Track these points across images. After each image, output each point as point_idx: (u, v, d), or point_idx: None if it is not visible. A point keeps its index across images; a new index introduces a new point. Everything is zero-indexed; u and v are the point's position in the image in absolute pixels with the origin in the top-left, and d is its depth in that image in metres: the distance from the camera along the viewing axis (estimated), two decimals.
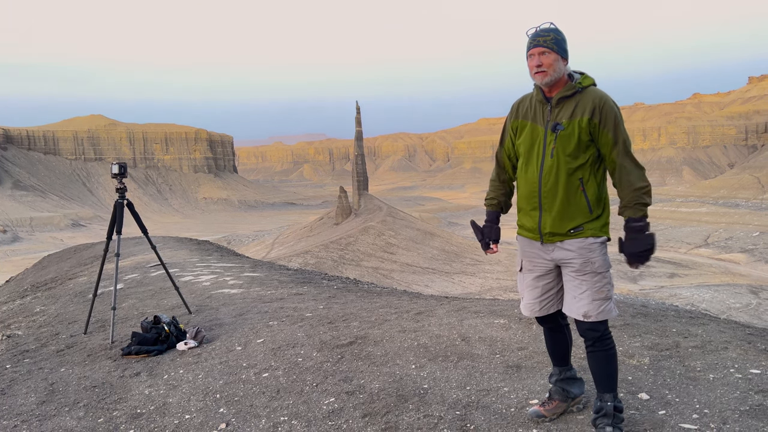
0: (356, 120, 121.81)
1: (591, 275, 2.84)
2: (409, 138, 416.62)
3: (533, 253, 3.00)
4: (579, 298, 2.86)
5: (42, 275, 14.49)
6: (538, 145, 2.88)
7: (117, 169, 5.64)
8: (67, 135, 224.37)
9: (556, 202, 2.85)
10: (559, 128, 2.81)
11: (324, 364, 4.29)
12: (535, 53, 2.79)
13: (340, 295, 7.22)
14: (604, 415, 2.84)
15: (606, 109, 2.79)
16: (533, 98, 2.94)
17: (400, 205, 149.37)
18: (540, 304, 3.04)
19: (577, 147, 2.80)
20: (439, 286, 63.88)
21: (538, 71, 2.80)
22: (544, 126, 2.87)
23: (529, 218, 2.96)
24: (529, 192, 2.93)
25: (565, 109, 2.83)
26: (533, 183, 2.90)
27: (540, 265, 3.00)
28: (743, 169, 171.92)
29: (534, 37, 2.80)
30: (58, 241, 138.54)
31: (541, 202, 2.89)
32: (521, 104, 3.00)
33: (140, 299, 7.60)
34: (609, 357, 2.88)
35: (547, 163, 2.84)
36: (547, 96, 2.87)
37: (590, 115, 2.79)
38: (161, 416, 3.68)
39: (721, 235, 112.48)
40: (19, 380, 4.64)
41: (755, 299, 56.88)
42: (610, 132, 2.80)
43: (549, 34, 2.79)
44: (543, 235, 2.92)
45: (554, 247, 2.92)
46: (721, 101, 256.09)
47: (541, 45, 2.78)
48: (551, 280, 3.00)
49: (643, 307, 5.78)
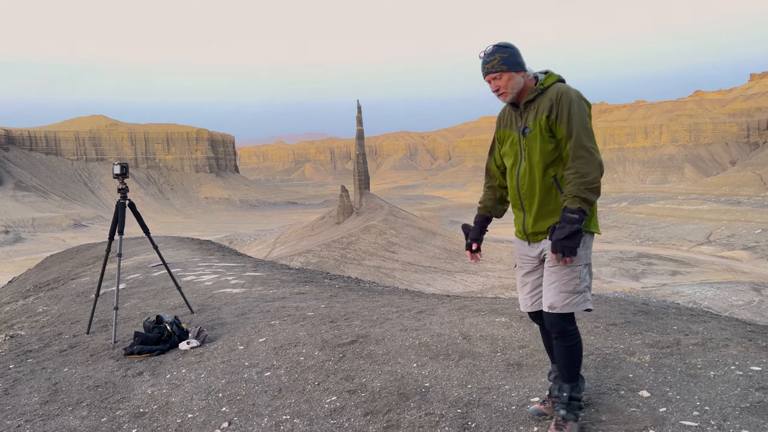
0: (357, 119, 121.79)
1: (560, 267, 2.92)
2: (410, 137, 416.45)
3: (522, 252, 3.17)
4: (547, 290, 2.97)
5: (44, 275, 14.53)
6: (516, 151, 3.04)
7: (118, 169, 5.66)
8: (68, 135, 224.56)
9: (534, 203, 2.99)
10: (527, 131, 2.96)
11: (326, 362, 4.30)
12: (489, 80, 2.96)
13: (341, 294, 7.23)
14: (560, 402, 2.98)
15: (562, 102, 2.86)
16: (509, 107, 3.10)
17: (402, 204, 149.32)
18: (531, 299, 3.16)
19: (542, 146, 2.91)
20: (441, 285, 63.88)
21: (499, 95, 2.98)
22: (518, 132, 3.03)
23: (516, 220, 3.13)
24: (513, 196, 3.11)
25: (531, 112, 2.96)
26: (514, 187, 3.07)
27: (528, 262, 3.15)
28: (745, 167, 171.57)
29: (482, 66, 2.96)
30: (60, 242, 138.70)
31: (522, 204, 3.05)
32: (503, 115, 3.16)
33: (142, 299, 7.62)
34: (570, 350, 2.97)
35: (522, 167, 2.99)
36: (516, 103, 3.04)
37: (548, 112, 2.89)
38: (164, 415, 3.70)
39: (723, 233, 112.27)
40: (22, 380, 4.66)
41: (757, 296, 56.78)
42: (564, 125, 2.86)
43: (494, 57, 2.92)
44: (528, 235, 3.07)
45: (539, 245, 3.06)
46: (722, 98, 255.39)
47: (490, 72, 2.94)
48: (539, 276, 3.11)
49: (645, 305, 5.79)
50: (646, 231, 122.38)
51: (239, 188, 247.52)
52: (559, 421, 2.91)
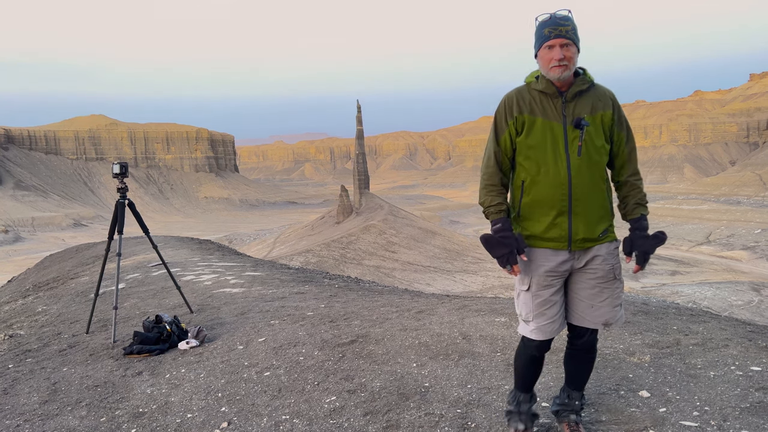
0: (357, 119, 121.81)
1: (612, 281, 2.70)
2: (410, 136, 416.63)
3: (553, 266, 2.66)
4: (598, 306, 2.70)
5: (44, 275, 14.51)
6: (558, 143, 2.59)
7: (118, 168, 5.65)
8: (68, 135, 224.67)
9: (589, 205, 2.61)
10: (584, 124, 2.57)
11: (325, 362, 4.29)
12: (556, 45, 2.51)
13: (341, 293, 7.23)
14: (571, 410, 2.91)
15: (619, 106, 2.71)
16: (533, 92, 2.64)
17: (401, 204, 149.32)
18: (560, 320, 2.74)
19: (601, 144, 2.62)
20: (441, 285, 63.89)
21: (560, 65, 2.51)
22: (561, 122, 2.59)
23: (553, 226, 2.62)
24: (553, 196, 2.59)
25: (582, 104, 2.61)
26: (561, 185, 2.58)
27: (560, 277, 2.70)
28: (745, 167, 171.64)
29: (555, 25, 2.51)
30: (59, 241, 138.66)
31: (571, 206, 2.59)
32: (520, 98, 2.65)
33: (142, 299, 7.61)
34: (593, 361, 2.92)
35: (575, 163, 2.57)
36: (561, 90, 2.61)
37: (611, 112, 2.65)
38: (163, 415, 3.69)
39: (723, 233, 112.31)
40: (21, 380, 4.65)
41: (757, 296, 56.79)
42: (624, 132, 2.71)
43: (568, 23, 2.52)
44: (573, 241, 2.63)
45: (580, 254, 2.67)
46: (722, 98, 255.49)
47: (563, 36, 2.50)
48: (564, 292, 2.77)
49: (644, 305, 5.79)
50: None
51: (239, 188, 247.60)
52: (573, 425, 2.89)
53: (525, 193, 2.66)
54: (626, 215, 2.76)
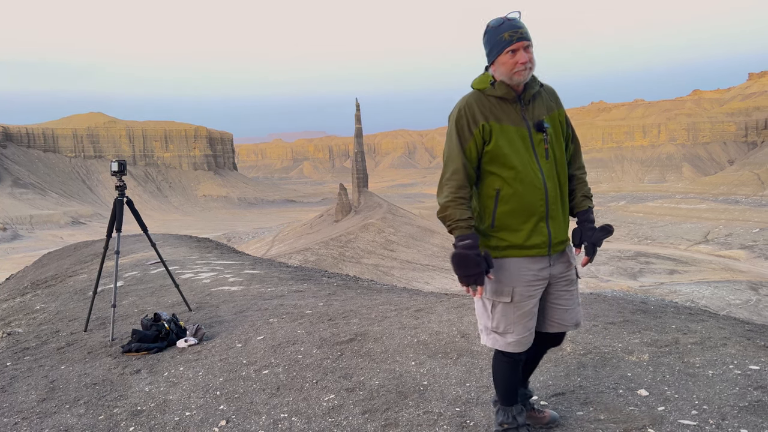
0: (356, 117, 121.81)
1: (576, 280, 2.75)
2: (408, 135, 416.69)
3: (536, 273, 2.60)
4: (571, 309, 2.72)
5: (42, 273, 14.50)
6: (527, 149, 2.53)
7: (116, 166, 5.64)
8: (66, 132, 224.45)
9: (560, 206, 2.61)
10: (546, 126, 2.55)
11: (324, 361, 4.29)
12: (520, 48, 2.43)
13: (339, 292, 7.22)
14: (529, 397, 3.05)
15: (560, 102, 2.70)
16: (491, 98, 2.54)
17: (400, 203, 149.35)
18: (533, 331, 2.69)
19: (560, 144, 2.64)
20: (439, 283, 63.95)
21: (525, 68, 2.45)
22: (525, 126, 2.53)
23: (534, 233, 2.55)
24: (534, 202, 2.53)
25: (539, 107, 2.59)
26: (539, 190, 2.52)
27: (541, 285, 2.63)
28: (743, 166, 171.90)
29: (515, 28, 2.44)
30: (57, 239, 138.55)
31: (548, 211, 2.55)
32: (480, 105, 2.54)
33: (140, 296, 7.60)
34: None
35: (545, 166, 2.55)
36: (518, 94, 2.56)
37: (562, 108, 2.67)
38: (161, 413, 3.69)
39: (721, 232, 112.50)
40: (19, 377, 4.65)
41: (755, 295, 56.91)
42: (570, 125, 2.74)
43: (523, 23, 2.48)
44: (552, 245, 2.59)
45: (555, 259, 2.65)
46: (721, 98, 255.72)
47: (525, 38, 2.44)
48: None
49: (643, 304, 5.79)
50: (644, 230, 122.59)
51: (237, 186, 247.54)
52: (539, 412, 3.01)
53: (501, 202, 2.53)
54: (574, 208, 2.74)
